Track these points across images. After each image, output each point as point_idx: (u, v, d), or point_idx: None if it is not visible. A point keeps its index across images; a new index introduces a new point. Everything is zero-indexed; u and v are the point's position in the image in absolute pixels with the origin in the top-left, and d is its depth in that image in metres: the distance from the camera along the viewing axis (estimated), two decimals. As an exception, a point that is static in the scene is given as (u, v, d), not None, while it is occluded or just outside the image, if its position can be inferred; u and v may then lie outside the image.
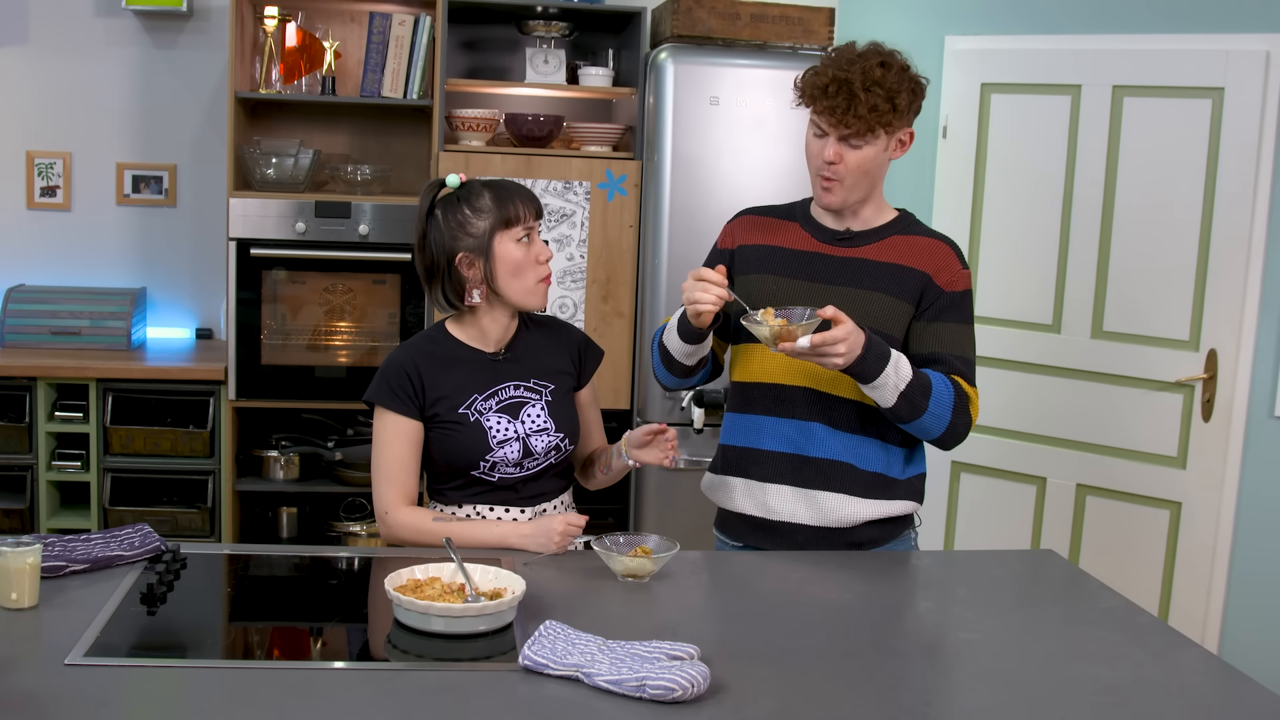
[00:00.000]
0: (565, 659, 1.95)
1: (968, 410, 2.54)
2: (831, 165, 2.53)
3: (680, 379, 2.75)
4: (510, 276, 2.60)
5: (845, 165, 2.53)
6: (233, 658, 2.05)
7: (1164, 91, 4.20)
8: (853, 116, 2.48)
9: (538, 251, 2.61)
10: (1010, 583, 2.54)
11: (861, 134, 2.50)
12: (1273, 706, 1.95)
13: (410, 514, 2.58)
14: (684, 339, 2.61)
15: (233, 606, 2.32)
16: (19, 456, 4.30)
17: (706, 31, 4.32)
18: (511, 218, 2.58)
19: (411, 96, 4.43)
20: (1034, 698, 1.96)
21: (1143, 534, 4.33)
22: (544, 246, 2.63)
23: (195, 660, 2.00)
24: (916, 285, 2.59)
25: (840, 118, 2.49)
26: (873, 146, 2.53)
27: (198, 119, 4.75)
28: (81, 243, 4.77)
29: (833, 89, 2.49)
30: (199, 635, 2.14)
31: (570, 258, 4.38)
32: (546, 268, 2.63)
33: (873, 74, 2.48)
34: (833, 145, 2.53)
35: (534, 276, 2.61)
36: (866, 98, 2.47)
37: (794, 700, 1.91)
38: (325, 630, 2.26)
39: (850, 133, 2.51)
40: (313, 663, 2.05)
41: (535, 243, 2.61)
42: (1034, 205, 4.47)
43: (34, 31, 4.66)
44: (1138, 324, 4.29)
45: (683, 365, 2.69)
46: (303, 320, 4.44)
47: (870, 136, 2.52)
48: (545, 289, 2.64)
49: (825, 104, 2.50)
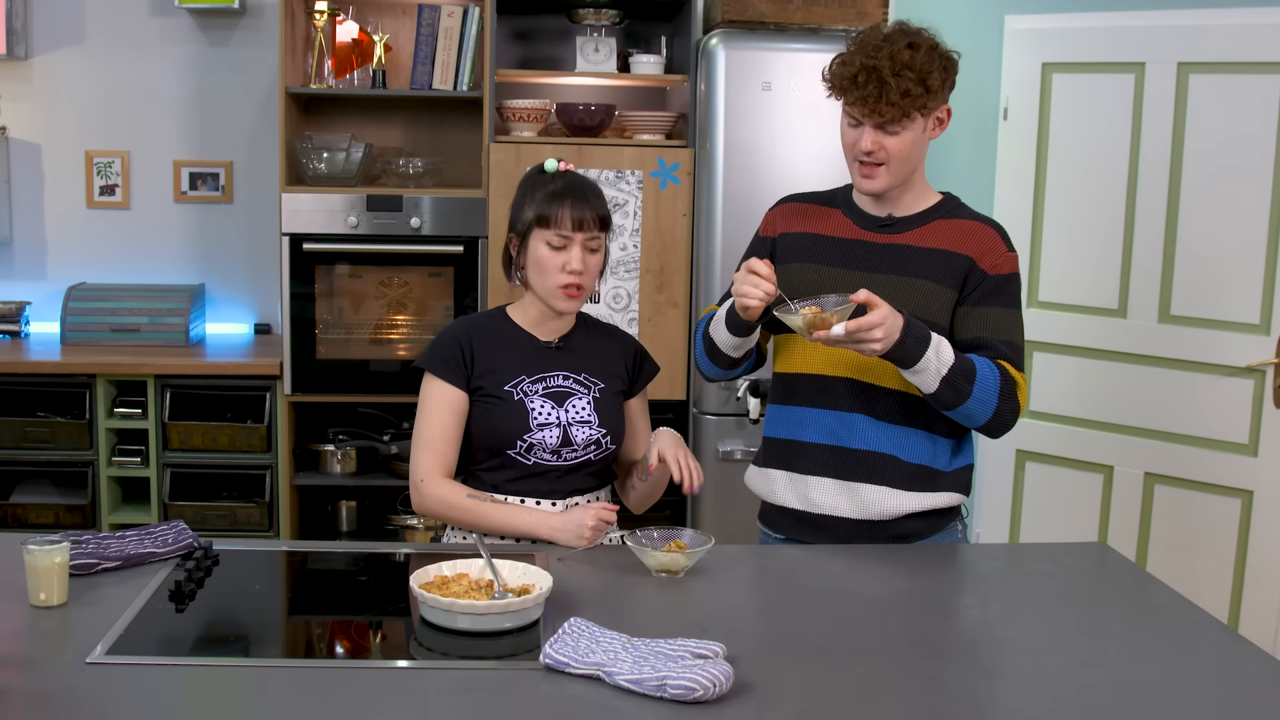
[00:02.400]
0: (588, 657, 1.91)
1: (1015, 396, 2.46)
2: (871, 154, 2.47)
3: (724, 370, 2.71)
4: (535, 271, 2.60)
5: (886, 152, 2.47)
6: (255, 656, 2.03)
7: (1230, 68, 4.07)
8: (886, 104, 2.41)
9: (567, 260, 2.55)
10: (1058, 577, 2.46)
11: (897, 120, 2.44)
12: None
13: (445, 486, 2.57)
14: (732, 331, 2.56)
15: (260, 604, 2.30)
16: (80, 453, 4.35)
17: (757, 16, 4.25)
18: (548, 219, 2.55)
19: (462, 88, 4.41)
20: (1070, 698, 1.89)
21: (1213, 524, 4.21)
22: (583, 259, 2.56)
23: (215, 658, 1.99)
24: (960, 270, 2.51)
25: (874, 106, 2.42)
26: (910, 131, 2.46)
27: (252, 115, 4.77)
28: (141, 240, 4.82)
29: (862, 78, 2.42)
30: (224, 633, 2.13)
31: (623, 247, 4.34)
32: (571, 278, 2.56)
33: (901, 57, 2.41)
34: (869, 134, 2.46)
35: (555, 282, 2.57)
36: (897, 83, 2.40)
37: (820, 700, 1.86)
38: (354, 628, 2.24)
39: (885, 120, 2.44)
40: (333, 661, 2.03)
41: (570, 252, 2.55)
42: (1097, 187, 4.36)
43: (91, 32, 4.70)
44: (1206, 308, 4.17)
45: (728, 357, 2.64)
46: (358, 314, 4.45)
47: (906, 121, 2.45)
48: (568, 298, 2.58)
49: (856, 94, 2.43)
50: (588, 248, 2.57)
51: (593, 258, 2.59)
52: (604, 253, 2.64)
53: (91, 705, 1.80)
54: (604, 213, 2.60)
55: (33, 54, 4.69)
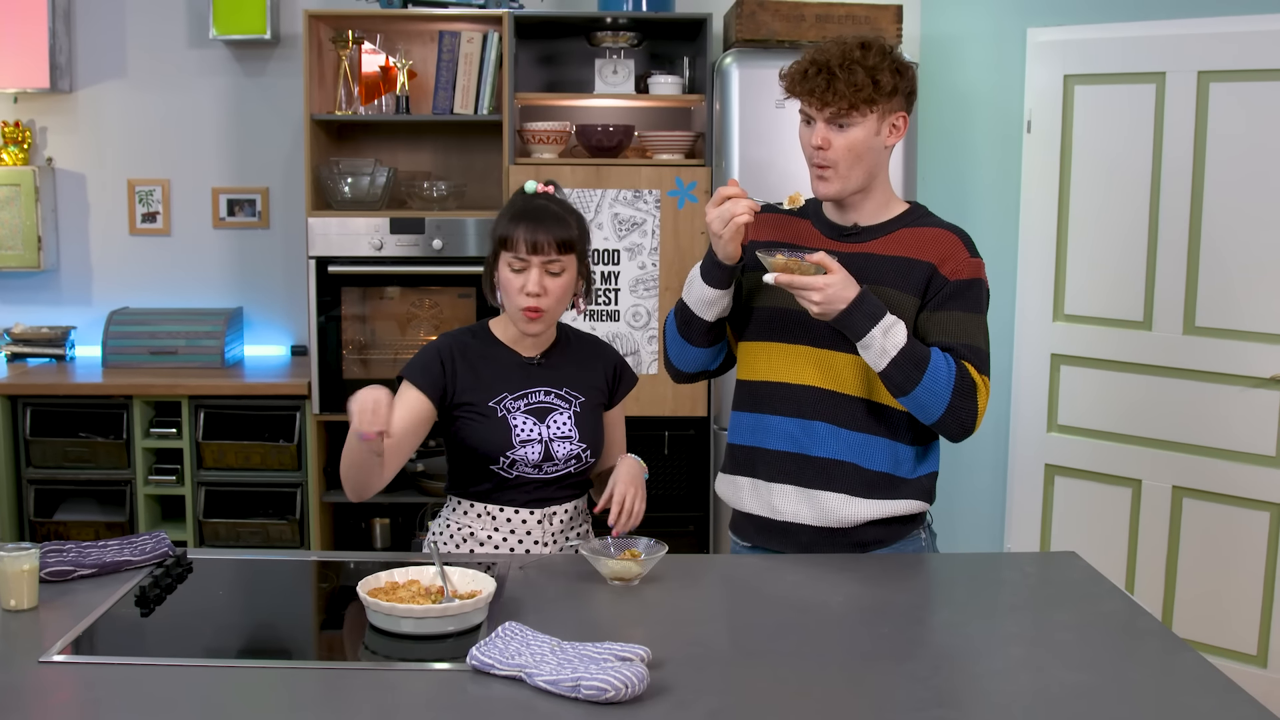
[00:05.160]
0: (512, 659, 1.95)
1: (974, 396, 2.45)
2: (821, 151, 2.50)
3: (698, 352, 2.67)
4: (502, 292, 2.65)
5: (835, 150, 2.49)
6: (208, 658, 2.09)
7: (1251, 75, 4.02)
8: (833, 94, 2.45)
9: (525, 283, 2.58)
10: (1014, 586, 2.45)
11: (846, 112, 2.47)
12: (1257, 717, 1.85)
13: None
14: (710, 283, 2.55)
15: (224, 610, 2.37)
16: (119, 472, 4.49)
17: (771, 35, 4.29)
18: (508, 240, 2.59)
19: (482, 112, 4.49)
20: (996, 704, 1.89)
21: (1242, 537, 4.14)
22: (540, 282, 2.58)
23: (161, 659, 2.05)
24: (923, 277, 2.52)
25: (821, 96, 2.46)
26: (861, 128, 2.49)
27: (287, 142, 4.90)
28: (181, 266, 4.96)
29: (812, 71, 2.48)
30: (181, 636, 2.20)
31: (642, 266, 4.38)
32: (530, 300, 2.58)
33: (851, 54, 2.46)
34: (820, 129, 2.50)
35: (516, 303, 2.60)
36: (846, 75, 2.44)
37: (731, 702, 1.88)
38: (311, 632, 2.31)
39: (834, 111, 2.47)
40: (276, 661, 2.08)
41: (528, 275, 2.58)
42: (1120, 199, 4.33)
43: (131, 65, 4.87)
44: (1231, 318, 4.11)
45: (702, 324, 2.61)
46: (388, 335, 4.55)
47: (855, 115, 2.47)
48: (529, 320, 2.61)
49: (805, 86, 2.48)
50: (547, 271, 2.59)
51: (553, 281, 2.59)
52: (573, 275, 2.64)
53: (40, 703, 1.88)
54: (564, 237, 2.59)
55: (76, 87, 4.87)
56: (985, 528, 4.79)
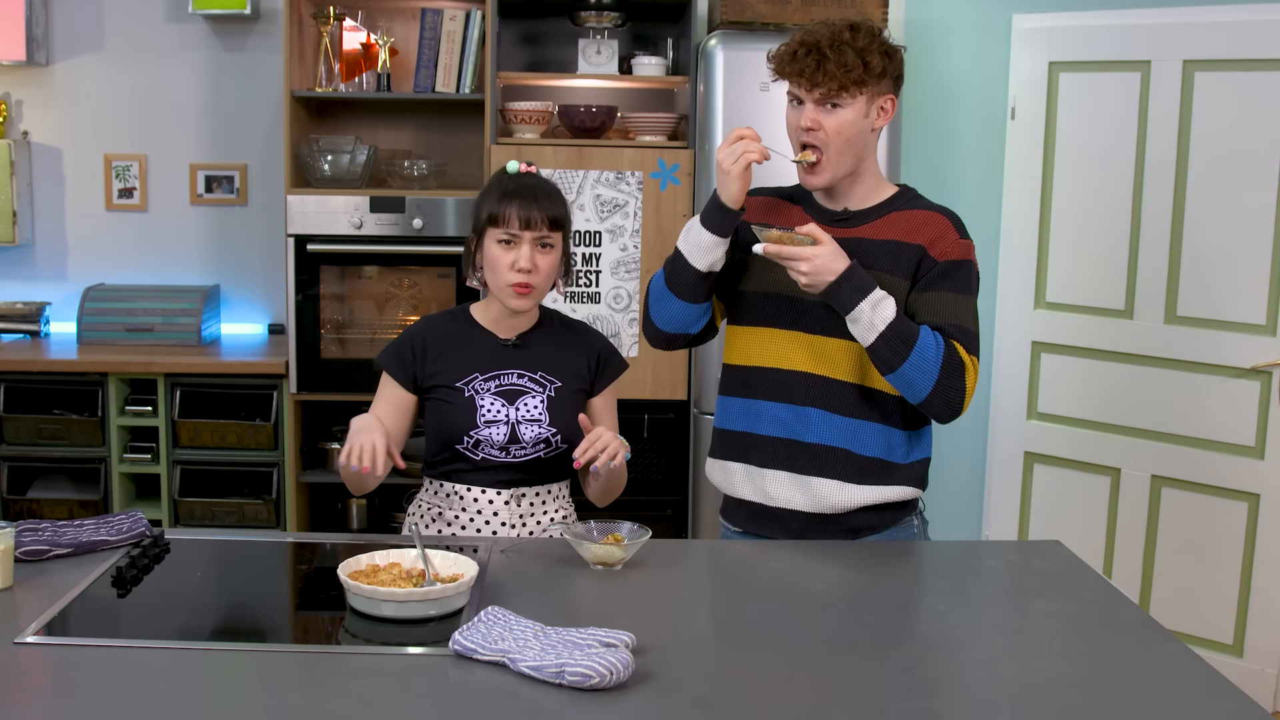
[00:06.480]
0: (495, 644, 1.93)
1: (962, 376, 2.43)
2: (810, 132, 2.48)
3: (680, 307, 2.60)
4: (488, 270, 2.64)
5: (825, 132, 2.48)
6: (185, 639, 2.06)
7: (1236, 65, 4.02)
8: (823, 74, 2.44)
9: (516, 259, 2.58)
10: (1001, 574, 2.44)
11: (836, 93, 2.46)
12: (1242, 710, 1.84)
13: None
14: (711, 229, 2.52)
15: (201, 591, 2.34)
16: (93, 449, 4.45)
17: (756, 17, 4.26)
18: (498, 217, 2.60)
19: (464, 91, 4.46)
20: (979, 694, 1.88)
21: (1220, 527, 4.15)
22: (532, 258, 2.58)
23: (138, 640, 2.02)
24: (912, 259, 2.51)
25: (810, 77, 2.46)
26: (850, 109, 2.47)
27: (266, 119, 4.85)
28: (158, 242, 4.91)
29: (801, 52, 2.47)
30: (158, 618, 2.17)
31: (623, 248, 4.36)
32: (520, 276, 2.58)
33: (841, 35, 2.46)
34: (809, 111, 2.48)
35: (505, 280, 2.60)
36: (835, 56, 2.44)
37: (715, 689, 1.86)
38: (291, 615, 2.28)
39: (824, 92, 2.46)
40: (255, 644, 2.06)
41: (519, 250, 2.58)
42: (1104, 187, 4.32)
43: (109, 39, 4.81)
44: (1212, 308, 4.12)
45: (693, 274, 2.55)
46: (366, 315, 4.51)
47: (845, 96, 2.46)
48: (518, 296, 2.61)
49: (795, 67, 2.48)
50: (538, 246, 2.59)
51: (543, 257, 2.61)
52: (560, 253, 2.65)
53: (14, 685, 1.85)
54: (556, 214, 2.61)
55: (53, 60, 4.81)
56: (963, 515, 4.79)
